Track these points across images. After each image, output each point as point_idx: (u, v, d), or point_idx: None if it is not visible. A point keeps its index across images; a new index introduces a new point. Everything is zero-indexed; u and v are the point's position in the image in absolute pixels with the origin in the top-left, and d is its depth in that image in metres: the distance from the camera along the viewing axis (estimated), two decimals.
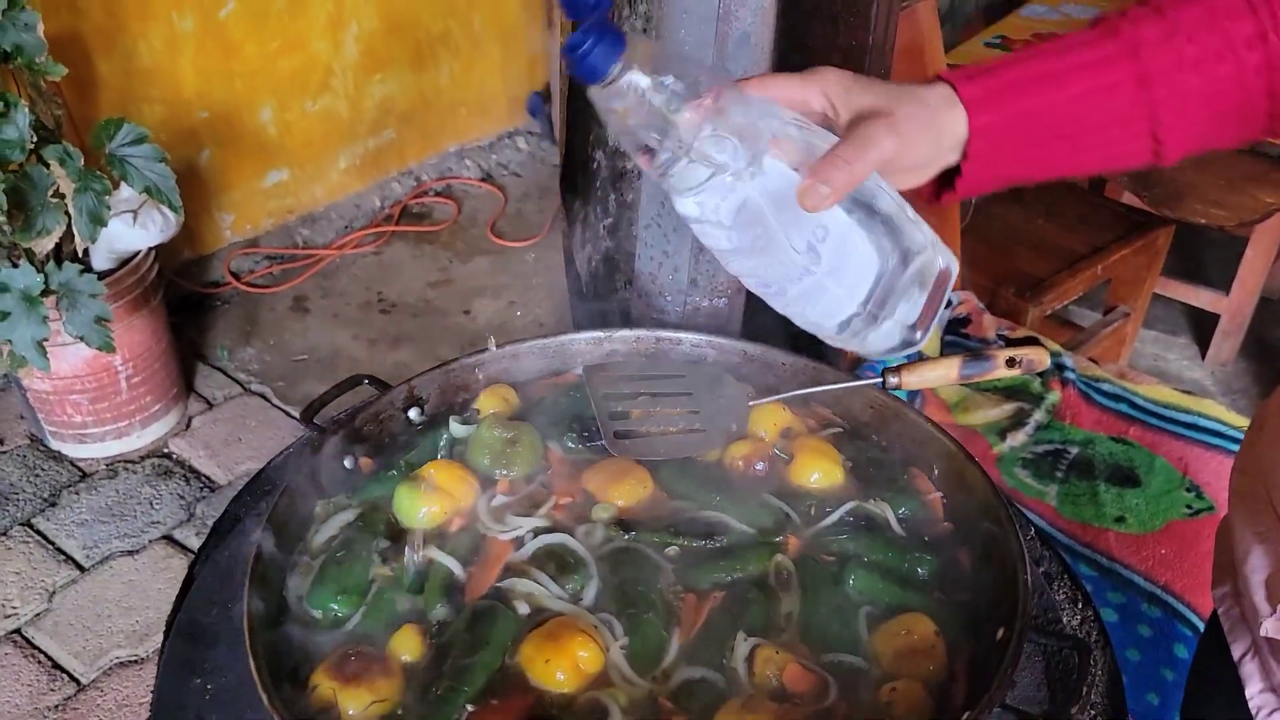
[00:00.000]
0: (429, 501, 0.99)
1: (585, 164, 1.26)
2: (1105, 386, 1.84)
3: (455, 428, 1.10)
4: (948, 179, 0.82)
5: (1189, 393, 1.83)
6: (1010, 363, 1.10)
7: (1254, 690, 0.87)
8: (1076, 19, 2.08)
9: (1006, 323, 2.01)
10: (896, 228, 0.75)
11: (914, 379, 1.09)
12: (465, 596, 0.92)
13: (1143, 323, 2.67)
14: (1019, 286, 2.21)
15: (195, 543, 2.23)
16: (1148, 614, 1.50)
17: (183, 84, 2.73)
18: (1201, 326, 2.95)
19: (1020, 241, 2.38)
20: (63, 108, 2.15)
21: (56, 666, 1.96)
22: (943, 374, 1.09)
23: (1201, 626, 1.28)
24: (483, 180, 3.64)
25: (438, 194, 3.54)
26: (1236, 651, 0.89)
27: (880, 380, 1.10)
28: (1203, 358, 2.87)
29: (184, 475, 2.40)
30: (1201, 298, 2.78)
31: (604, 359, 1.20)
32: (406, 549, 0.95)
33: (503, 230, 3.40)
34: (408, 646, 0.87)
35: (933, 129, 0.77)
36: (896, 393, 1.07)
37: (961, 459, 1.02)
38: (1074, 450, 1.75)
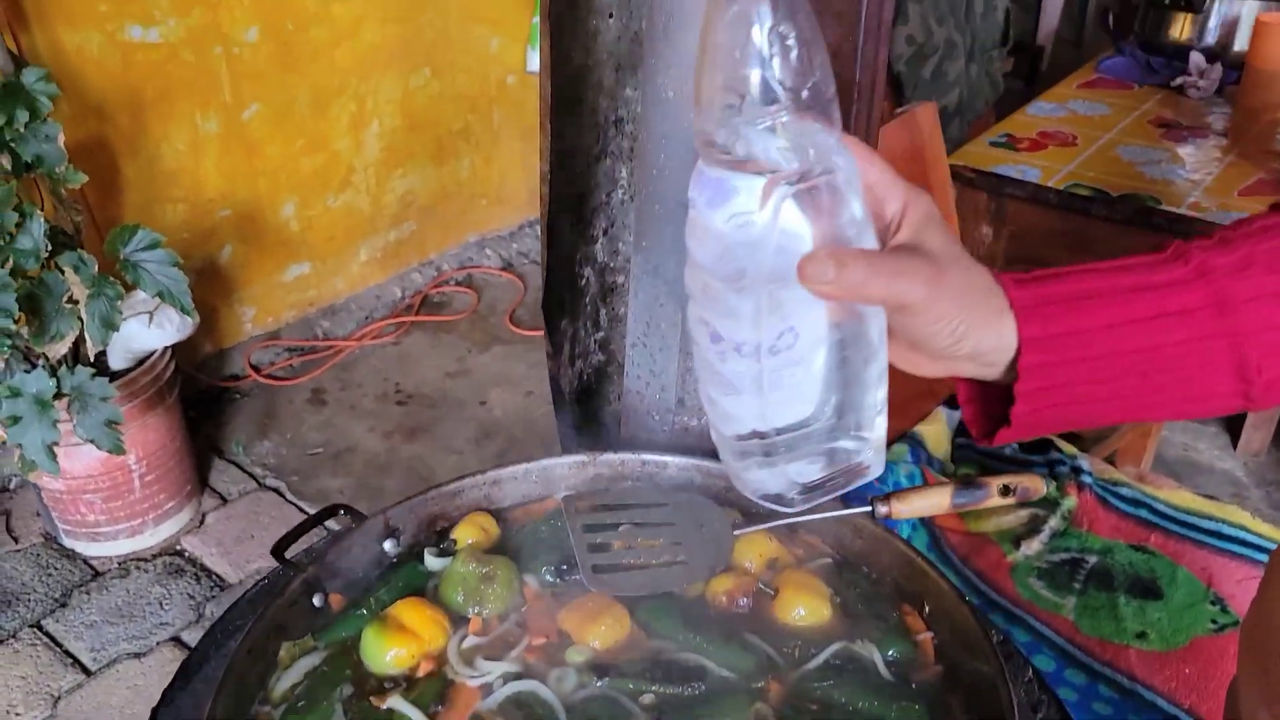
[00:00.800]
0: (396, 644, 0.96)
1: (572, 282, 1.25)
2: (1124, 491, 1.78)
3: (430, 561, 1.07)
4: (999, 415, 0.71)
5: (1212, 498, 1.76)
6: (1005, 491, 1.06)
7: None
8: (1084, 115, 2.07)
9: None
10: (858, 389, 0.69)
11: (904, 508, 1.06)
12: None
13: None
14: None
15: None
16: None
17: (205, 184, 2.79)
18: (1232, 416, 2.87)
19: None
20: (83, 213, 2.20)
21: None
22: (934, 504, 1.05)
23: None
24: (503, 269, 3.67)
25: (458, 283, 3.57)
26: None
27: (869, 509, 1.07)
28: (1234, 448, 2.78)
29: (195, 574, 2.39)
30: None
31: (588, 483, 1.17)
32: (371, 698, 0.92)
33: (521, 319, 3.41)
34: None
35: (972, 317, 0.66)
36: (888, 522, 1.03)
37: (953, 598, 0.98)
38: (1092, 559, 1.69)
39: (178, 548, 2.47)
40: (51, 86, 1.98)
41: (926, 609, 1.01)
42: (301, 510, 2.62)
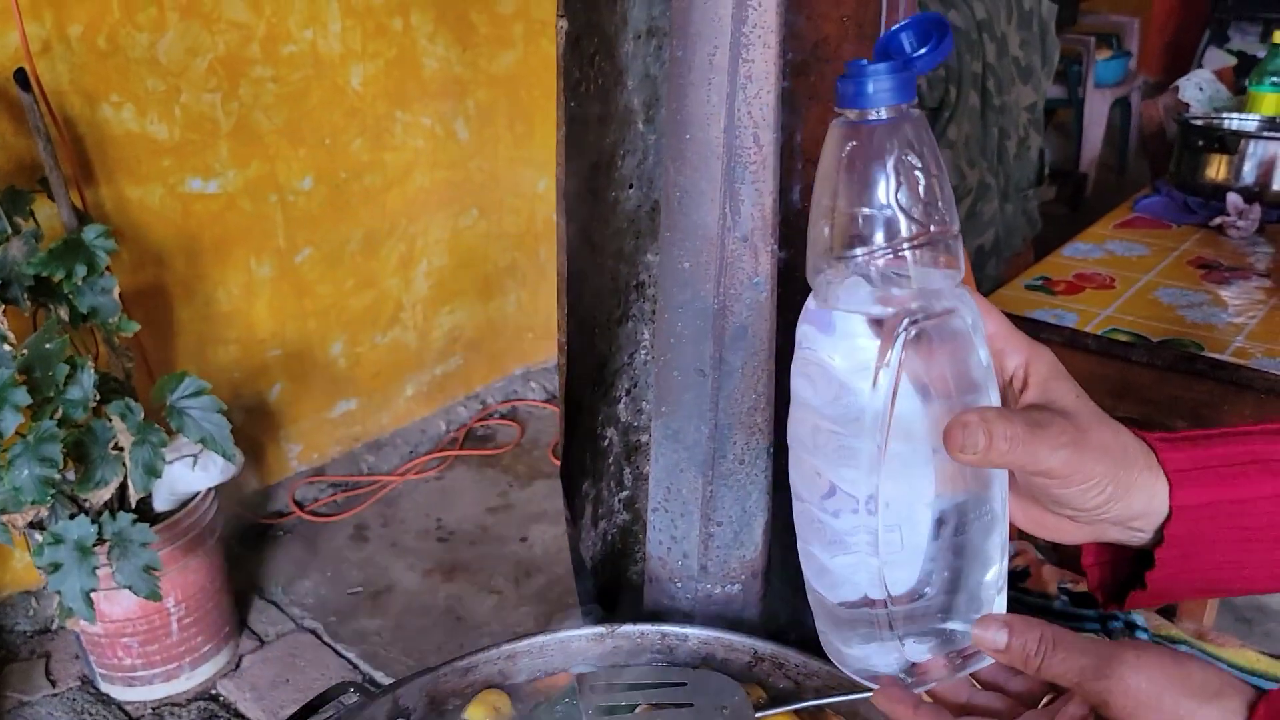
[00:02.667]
0: None
1: (594, 444, 1.25)
2: (1182, 647, 1.68)
3: None
4: (1132, 577, 0.69)
5: (1277, 657, 1.66)
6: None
7: None
8: (1121, 256, 2.05)
9: (1070, 575, 1.88)
10: (980, 562, 0.63)
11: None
12: None
13: None
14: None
15: None
16: None
17: (257, 325, 2.87)
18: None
19: None
20: (134, 359, 2.27)
21: None
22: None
23: None
24: (547, 401, 3.69)
25: (502, 416, 3.59)
26: None
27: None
28: None
29: None
30: None
31: (606, 656, 1.13)
32: None
33: None
34: None
35: (1122, 479, 0.63)
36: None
37: None
38: None
39: (213, 692, 2.44)
40: (110, 242, 2.07)
41: None
42: (337, 654, 2.59)
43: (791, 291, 1.11)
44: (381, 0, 2.88)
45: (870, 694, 0.67)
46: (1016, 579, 1.83)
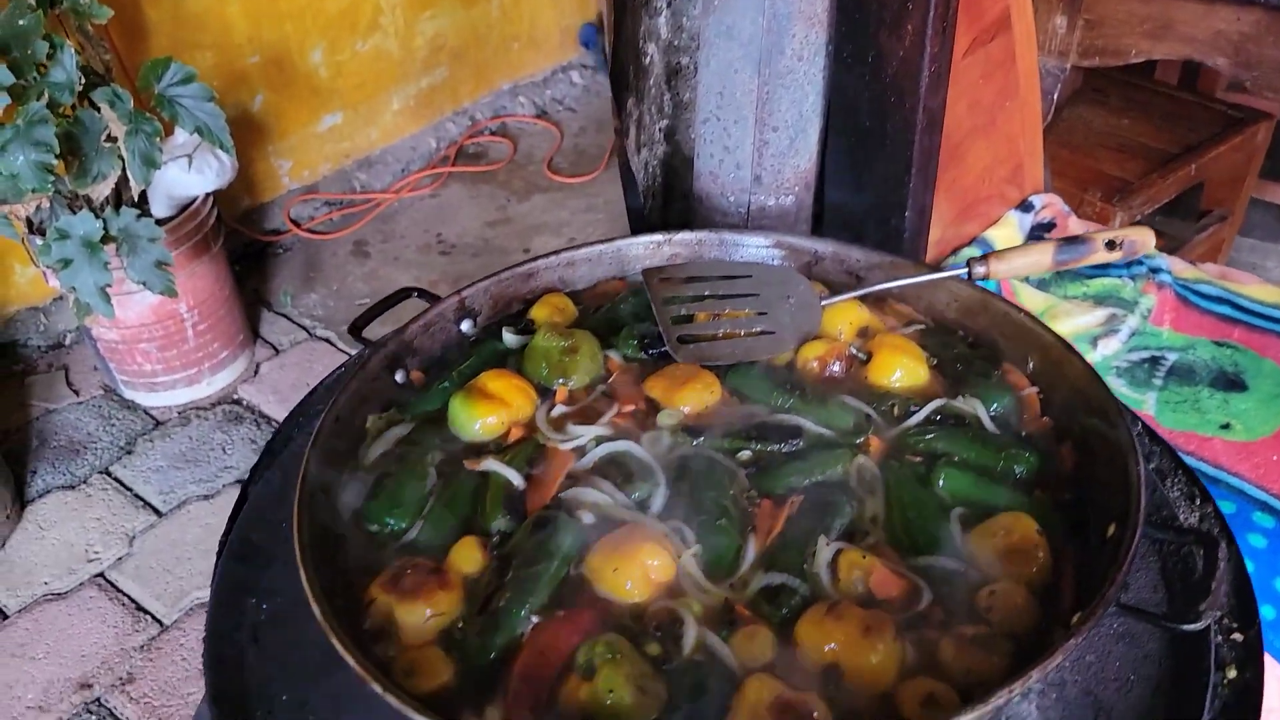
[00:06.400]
0: (486, 412, 0.94)
1: (638, 58, 1.18)
2: (1205, 288, 1.71)
3: (509, 338, 1.04)
4: None
5: None
6: (1110, 245, 1.00)
7: None
8: None
9: (1095, 225, 1.89)
10: None
11: (1003, 267, 1.01)
12: (527, 508, 0.87)
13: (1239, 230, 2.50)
14: (1106, 190, 2.08)
15: None
16: (1260, 523, 1.40)
17: (233, 28, 2.69)
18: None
19: (1105, 143, 2.23)
20: (110, 52, 2.13)
21: (140, 609, 1.99)
22: (1035, 261, 1.01)
23: None
24: (538, 117, 3.56)
25: (493, 133, 3.48)
26: None
27: (966, 271, 1.02)
28: None
29: (255, 420, 2.41)
30: None
31: (664, 264, 1.13)
32: (464, 462, 0.90)
33: (560, 166, 3.33)
34: (468, 559, 0.82)
35: None
36: (984, 284, 0.99)
37: (1060, 350, 0.93)
38: (1172, 356, 1.64)
39: (235, 396, 2.48)
40: None
41: (1030, 365, 0.97)
42: None
43: None
44: None
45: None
46: (1044, 229, 1.83)
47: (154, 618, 1.97)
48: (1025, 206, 1.81)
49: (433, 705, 0.67)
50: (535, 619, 0.78)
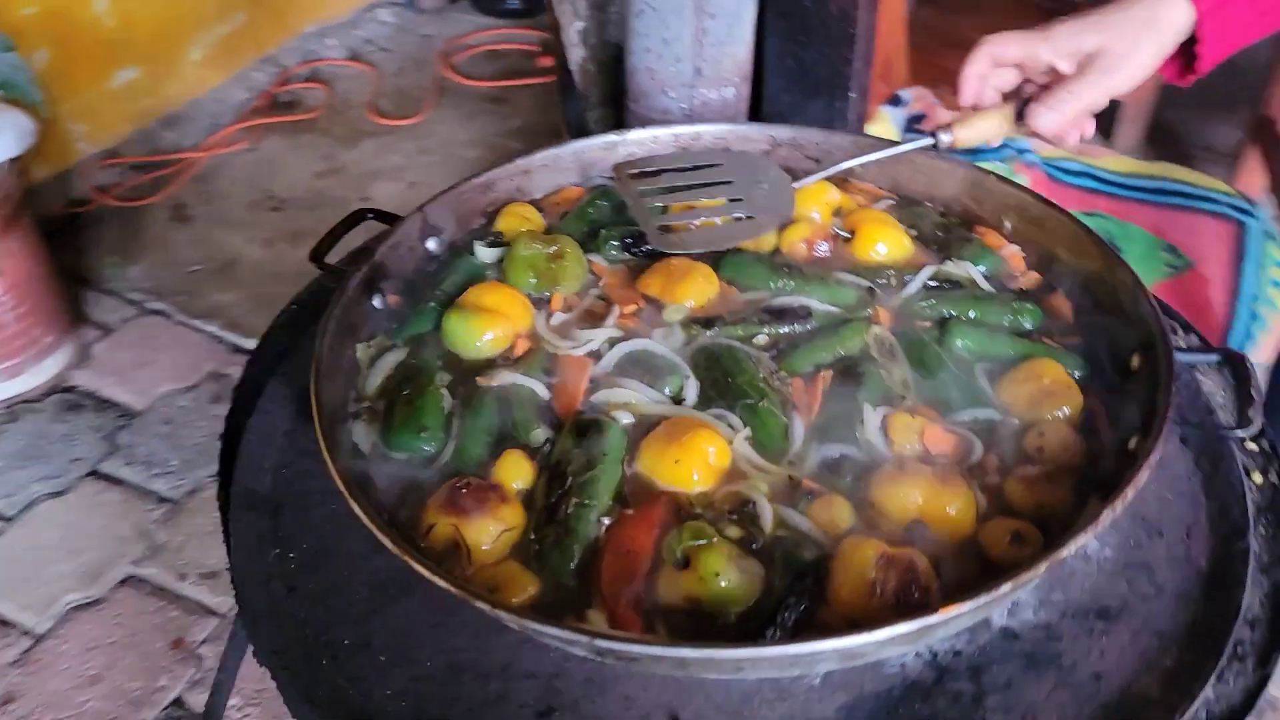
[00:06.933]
0: (486, 327, 0.87)
1: None
2: (1067, 164, 1.83)
3: (482, 252, 0.98)
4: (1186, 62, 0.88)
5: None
6: None
7: None
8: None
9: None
10: None
11: (967, 133, 1.03)
12: (559, 416, 0.82)
13: None
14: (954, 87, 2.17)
15: (127, 474, 2.04)
16: None
17: None
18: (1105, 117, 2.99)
19: (946, 42, 2.33)
20: None
21: (4, 623, 1.78)
22: (997, 125, 1.03)
23: None
24: (351, 59, 3.37)
25: (305, 79, 3.26)
26: None
27: (933, 142, 1.03)
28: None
29: (95, 407, 2.18)
30: None
31: (623, 162, 1.08)
32: (477, 379, 0.84)
33: (384, 109, 3.16)
34: (517, 472, 0.77)
35: (1151, 29, 0.85)
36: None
37: (1039, 205, 0.97)
38: None
39: (68, 384, 2.23)
40: None
41: (1007, 225, 1.00)
42: (195, 329, 2.41)
43: None
44: None
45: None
46: (915, 121, 1.90)
47: (24, 630, 1.77)
48: (895, 101, 1.87)
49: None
50: (606, 521, 0.74)
